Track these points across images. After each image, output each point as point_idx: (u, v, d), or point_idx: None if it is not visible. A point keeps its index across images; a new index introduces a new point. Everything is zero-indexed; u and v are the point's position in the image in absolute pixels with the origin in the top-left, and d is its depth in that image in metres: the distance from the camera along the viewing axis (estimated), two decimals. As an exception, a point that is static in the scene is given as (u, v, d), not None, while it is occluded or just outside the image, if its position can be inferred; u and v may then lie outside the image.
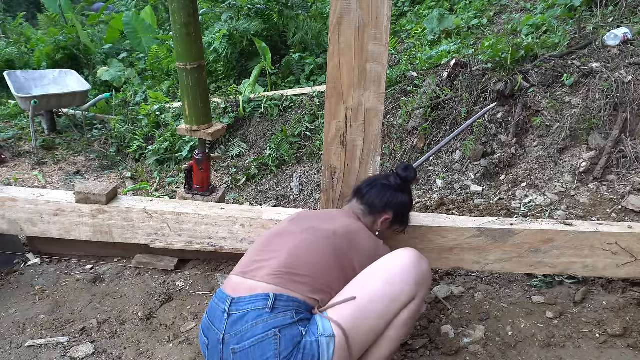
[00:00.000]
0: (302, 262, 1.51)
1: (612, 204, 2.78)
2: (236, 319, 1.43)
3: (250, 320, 1.40)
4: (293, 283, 1.46)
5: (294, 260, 1.51)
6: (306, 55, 5.47)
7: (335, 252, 1.56)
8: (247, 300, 1.44)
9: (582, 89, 3.26)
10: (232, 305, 1.45)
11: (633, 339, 1.93)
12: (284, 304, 1.42)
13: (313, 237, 1.58)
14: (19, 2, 13.10)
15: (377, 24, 1.71)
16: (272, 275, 1.47)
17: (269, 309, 1.40)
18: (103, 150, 4.80)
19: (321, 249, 1.55)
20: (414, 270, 1.51)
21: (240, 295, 1.46)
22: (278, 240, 1.61)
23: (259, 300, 1.43)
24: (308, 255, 1.53)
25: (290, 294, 1.44)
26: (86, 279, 2.34)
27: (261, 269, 1.51)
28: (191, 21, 2.31)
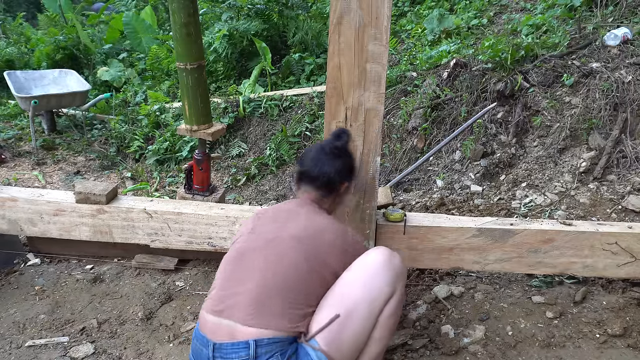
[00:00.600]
0: (274, 286, 1.44)
1: (612, 204, 2.78)
2: None
3: None
4: (271, 317, 1.41)
5: (265, 288, 1.44)
6: (306, 55, 5.47)
7: (307, 259, 1.48)
8: (229, 349, 1.40)
9: (582, 89, 3.26)
10: (216, 351, 1.41)
11: (633, 339, 1.93)
12: (267, 349, 1.37)
13: (279, 252, 1.50)
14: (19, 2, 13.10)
15: (377, 24, 1.71)
16: (248, 315, 1.41)
17: (252, 359, 1.37)
18: (103, 150, 4.80)
19: (291, 262, 1.47)
20: (388, 270, 1.51)
21: (222, 340, 1.41)
22: (243, 265, 1.52)
23: (240, 349, 1.38)
24: (278, 276, 1.46)
25: (271, 335, 1.38)
26: (86, 279, 2.34)
27: (234, 306, 1.44)
28: (191, 21, 2.31)
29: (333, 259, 1.53)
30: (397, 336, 1.94)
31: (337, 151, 1.70)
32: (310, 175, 1.69)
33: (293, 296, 1.44)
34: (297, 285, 1.46)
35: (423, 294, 2.22)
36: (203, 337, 1.45)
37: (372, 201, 1.97)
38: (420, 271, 2.41)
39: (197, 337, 1.48)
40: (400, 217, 2.06)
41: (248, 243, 1.58)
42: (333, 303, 1.45)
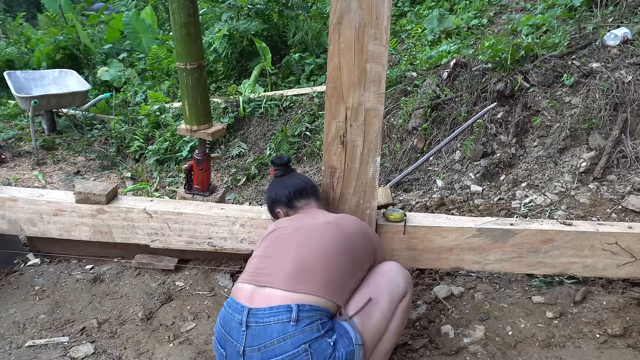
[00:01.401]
0: (314, 259, 1.50)
1: (612, 204, 2.78)
2: (258, 332, 1.39)
3: (275, 334, 1.37)
4: (315, 285, 1.44)
5: (305, 261, 1.49)
6: (306, 55, 5.47)
7: (340, 239, 1.58)
8: (267, 313, 1.40)
9: (582, 89, 3.26)
10: (250, 316, 1.41)
11: (633, 339, 1.92)
12: (308, 315, 1.39)
13: (312, 231, 1.60)
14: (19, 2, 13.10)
15: (377, 24, 1.71)
16: (289, 281, 1.44)
17: (294, 322, 1.37)
18: (103, 150, 4.80)
19: (327, 239, 1.56)
20: (404, 273, 1.68)
21: (258, 305, 1.42)
22: (278, 246, 1.59)
23: (280, 312, 1.39)
24: (317, 250, 1.52)
25: (312, 302, 1.41)
26: (86, 279, 2.34)
27: (272, 275, 1.48)
28: (191, 21, 2.31)
29: (362, 240, 1.65)
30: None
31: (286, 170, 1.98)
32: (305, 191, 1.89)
33: (333, 269, 1.50)
34: (336, 259, 1.52)
35: (423, 294, 2.22)
36: (237, 304, 1.46)
37: (372, 201, 1.97)
38: (420, 271, 2.42)
39: (230, 304, 1.49)
40: (400, 217, 2.06)
41: (277, 234, 1.66)
42: (364, 290, 1.56)
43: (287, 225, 1.68)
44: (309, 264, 1.48)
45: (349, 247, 1.58)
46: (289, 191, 1.88)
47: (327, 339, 1.39)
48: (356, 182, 1.94)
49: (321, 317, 1.41)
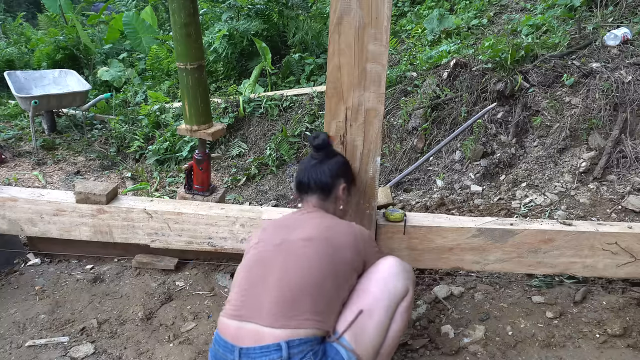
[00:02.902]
0: (296, 285, 1.43)
1: (612, 204, 2.78)
2: None
3: None
4: (300, 316, 1.39)
5: (288, 288, 1.43)
6: (306, 55, 5.47)
7: (322, 257, 1.50)
8: (258, 352, 1.36)
9: (582, 89, 3.26)
10: (242, 356, 1.37)
11: (633, 339, 1.93)
12: (299, 350, 1.35)
13: (292, 253, 1.51)
14: (19, 2, 13.11)
15: (377, 24, 1.71)
16: (273, 316, 1.39)
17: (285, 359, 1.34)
18: (103, 150, 4.80)
19: (308, 260, 1.49)
20: (403, 272, 1.60)
21: (248, 345, 1.38)
22: (259, 271, 1.52)
23: (271, 351, 1.35)
24: (298, 275, 1.46)
25: (301, 336, 1.37)
26: (86, 279, 2.34)
27: (256, 308, 1.43)
28: (191, 21, 2.31)
29: (349, 253, 1.55)
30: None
31: (319, 155, 1.75)
32: (304, 184, 1.73)
33: (317, 293, 1.44)
34: (319, 282, 1.45)
35: (423, 294, 2.22)
36: (226, 343, 1.42)
37: (372, 201, 1.97)
38: (420, 271, 2.42)
39: (219, 342, 1.45)
40: (400, 217, 2.06)
41: (258, 252, 1.58)
42: (355, 301, 1.50)
43: (269, 239, 1.60)
44: (292, 294, 1.42)
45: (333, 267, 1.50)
46: (295, 180, 1.77)
47: None
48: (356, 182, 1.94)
49: (312, 347, 1.37)
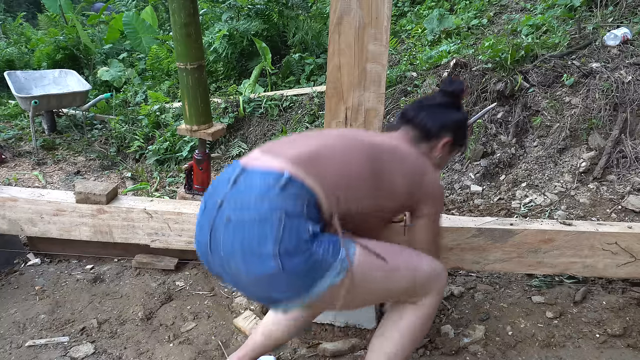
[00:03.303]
0: (330, 156, 1.32)
1: (612, 204, 2.78)
2: (241, 189, 1.25)
3: (255, 192, 1.22)
4: (315, 169, 1.27)
5: (323, 152, 1.33)
6: (306, 55, 5.47)
7: (371, 160, 1.36)
8: (257, 172, 1.26)
9: (582, 89, 3.26)
10: (242, 174, 1.28)
11: (633, 339, 1.93)
12: (296, 190, 1.23)
13: (348, 142, 1.39)
14: (19, 2, 13.11)
15: (377, 24, 1.71)
16: (293, 157, 1.28)
17: (279, 187, 1.21)
18: (103, 150, 4.80)
19: (356, 152, 1.36)
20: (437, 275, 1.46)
21: (254, 166, 1.29)
22: (307, 138, 1.42)
23: (270, 176, 1.24)
24: (339, 153, 1.34)
25: (307, 184, 1.24)
26: (86, 279, 2.34)
27: (284, 149, 1.34)
28: (191, 21, 2.31)
29: (400, 174, 1.41)
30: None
31: (442, 99, 1.62)
32: (409, 117, 1.61)
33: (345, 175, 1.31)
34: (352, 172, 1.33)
35: (423, 294, 2.22)
36: (236, 163, 1.34)
37: (372, 201, 1.96)
38: (420, 271, 2.41)
39: (230, 165, 1.36)
40: (400, 217, 2.06)
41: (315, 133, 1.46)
42: (386, 245, 1.38)
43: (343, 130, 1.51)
44: (325, 156, 1.31)
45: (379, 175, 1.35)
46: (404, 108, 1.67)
47: (308, 224, 1.21)
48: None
49: (309, 203, 1.23)
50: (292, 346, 1.97)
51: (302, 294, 1.22)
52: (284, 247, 1.17)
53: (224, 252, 1.23)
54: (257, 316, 2.08)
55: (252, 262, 1.19)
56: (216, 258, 1.27)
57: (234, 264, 1.22)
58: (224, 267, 1.27)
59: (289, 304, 1.25)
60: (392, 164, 1.41)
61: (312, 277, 1.21)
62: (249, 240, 1.19)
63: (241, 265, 1.21)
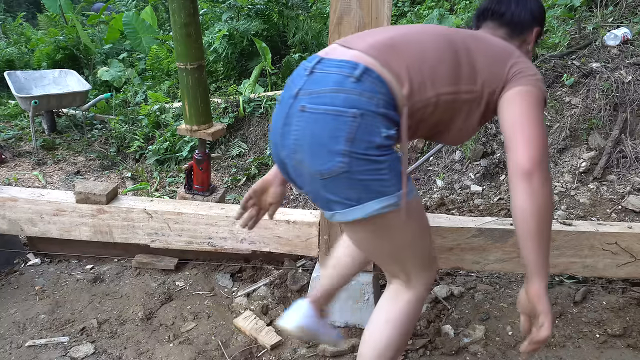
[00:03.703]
0: (407, 42, 1.24)
1: (612, 204, 2.78)
2: (317, 79, 1.21)
3: (330, 83, 1.17)
4: (390, 59, 1.20)
5: (398, 39, 1.25)
6: (306, 55, 5.47)
7: (449, 42, 1.26)
8: (333, 63, 1.21)
9: (582, 89, 3.26)
10: (318, 64, 1.24)
11: (633, 339, 1.93)
12: (372, 84, 1.16)
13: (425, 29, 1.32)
14: (19, 2, 13.11)
15: (377, 24, 1.71)
16: (369, 47, 1.22)
17: (354, 79, 1.16)
18: (103, 150, 4.80)
19: (434, 37, 1.27)
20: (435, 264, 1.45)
21: (331, 57, 1.25)
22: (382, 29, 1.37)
23: (345, 66, 1.19)
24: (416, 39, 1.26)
25: (383, 76, 1.17)
26: (86, 279, 2.34)
27: (360, 40, 1.28)
28: (191, 21, 2.31)
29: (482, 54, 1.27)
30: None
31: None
32: (495, 12, 1.47)
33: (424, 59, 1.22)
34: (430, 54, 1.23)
35: (423, 294, 2.22)
36: (314, 55, 1.30)
37: (372, 201, 1.96)
38: (420, 271, 2.41)
39: (308, 58, 1.32)
40: (400, 217, 2.05)
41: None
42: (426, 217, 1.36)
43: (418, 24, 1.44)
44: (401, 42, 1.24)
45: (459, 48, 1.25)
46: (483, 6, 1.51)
47: (381, 128, 1.15)
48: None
49: (384, 100, 1.16)
50: (292, 346, 1.97)
51: (353, 206, 1.18)
52: (354, 148, 1.13)
53: (294, 141, 1.20)
54: (257, 316, 2.08)
55: (319, 155, 1.16)
56: (285, 148, 1.24)
57: (300, 155, 1.20)
58: (291, 158, 1.24)
59: (338, 213, 1.21)
60: (474, 44, 1.29)
61: (369, 192, 1.17)
62: (320, 133, 1.15)
63: (307, 157, 1.18)
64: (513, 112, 1.25)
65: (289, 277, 2.33)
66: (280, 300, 2.23)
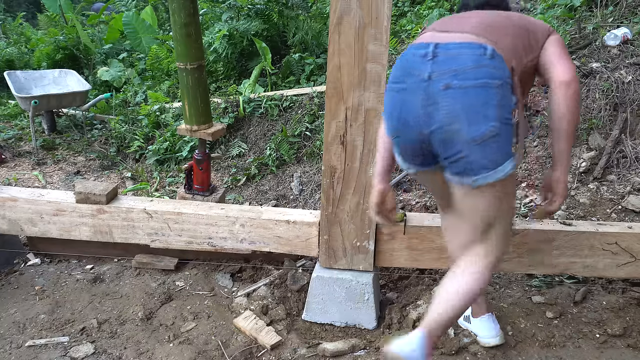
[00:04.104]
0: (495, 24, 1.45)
1: (612, 204, 2.78)
2: (447, 60, 1.36)
3: (469, 62, 1.33)
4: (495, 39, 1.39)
5: (488, 21, 1.45)
6: (306, 55, 5.47)
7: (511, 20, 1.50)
8: (457, 45, 1.37)
9: (582, 89, 3.26)
10: (438, 49, 1.38)
11: (633, 339, 1.93)
12: (499, 59, 1.35)
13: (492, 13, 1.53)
14: (19, 2, 13.11)
15: (377, 24, 1.71)
16: (476, 27, 1.41)
17: (488, 57, 1.34)
18: (103, 150, 4.80)
19: (502, 18, 1.50)
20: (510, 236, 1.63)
21: (446, 41, 1.39)
22: (467, 15, 1.54)
23: (473, 47, 1.36)
24: (497, 21, 1.47)
25: (498, 51, 1.36)
26: (86, 279, 2.34)
27: (455, 25, 1.46)
28: (191, 21, 2.31)
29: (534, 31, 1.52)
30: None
31: None
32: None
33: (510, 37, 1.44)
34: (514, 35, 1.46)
35: (423, 294, 2.22)
36: (418, 44, 1.43)
37: (372, 201, 1.97)
38: (420, 271, 2.42)
39: (410, 48, 1.45)
40: (400, 217, 2.06)
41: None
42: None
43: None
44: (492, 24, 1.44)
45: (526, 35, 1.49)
46: None
47: (512, 94, 1.37)
48: (356, 182, 1.94)
49: (507, 71, 1.36)
50: (292, 346, 1.97)
51: (497, 168, 1.36)
52: (502, 112, 1.33)
53: (447, 114, 1.35)
54: (257, 316, 2.08)
55: (476, 122, 1.32)
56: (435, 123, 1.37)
57: (458, 125, 1.34)
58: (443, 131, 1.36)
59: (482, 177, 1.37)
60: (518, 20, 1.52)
61: (506, 153, 1.36)
62: (474, 103, 1.32)
63: (465, 125, 1.33)
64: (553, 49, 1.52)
65: (289, 277, 2.33)
66: (280, 300, 2.23)
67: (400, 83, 1.43)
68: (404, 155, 1.52)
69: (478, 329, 1.89)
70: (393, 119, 1.46)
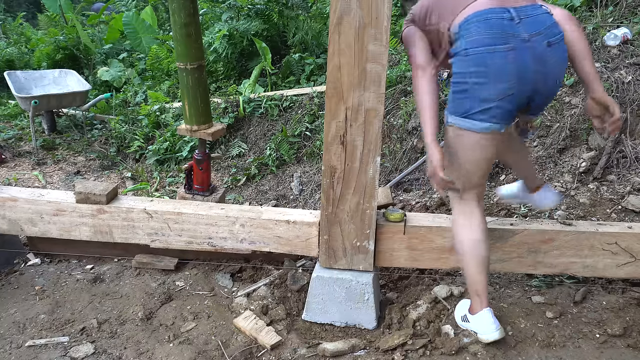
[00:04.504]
0: None
1: (612, 204, 2.78)
2: (532, 22, 1.58)
3: (547, 22, 1.60)
4: None
5: None
6: (306, 55, 5.47)
7: None
8: (529, 8, 1.60)
9: (582, 89, 3.26)
10: (516, 13, 1.57)
11: (633, 339, 1.93)
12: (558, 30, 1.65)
13: None
14: (19, 2, 13.12)
15: (377, 24, 1.71)
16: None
17: (551, 14, 1.63)
18: (103, 150, 4.80)
19: None
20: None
21: (517, 5, 1.59)
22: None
23: (537, 7, 1.62)
24: None
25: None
26: (86, 279, 2.34)
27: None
28: (191, 21, 2.31)
29: None
30: (397, 336, 1.95)
31: None
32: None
33: None
34: None
35: (423, 294, 2.22)
36: (494, 9, 1.59)
37: (372, 201, 1.97)
38: (420, 271, 2.42)
39: (483, 13, 1.59)
40: (400, 217, 2.06)
41: None
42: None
43: None
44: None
45: None
46: None
47: None
48: (356, 182, 1.94)
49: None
50: (292, 346, 1.97)
51: None
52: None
53: (559, 67, 1.64)
54: (257, 316, 2.08)
55: (564, 70, 1.68)
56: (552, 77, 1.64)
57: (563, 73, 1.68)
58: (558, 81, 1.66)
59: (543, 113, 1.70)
60: None
61: None
62: (565, 55, 1.65)
63: (562, 74, 1.68)
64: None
65: (289, 277, 2.33)
66: (280, 300, 2.23)
67: (504, 44, 1.56)
68: (502, 115, 1.63)
69: (477, 325, 1.89)
70: (510, 76, 1.57)
